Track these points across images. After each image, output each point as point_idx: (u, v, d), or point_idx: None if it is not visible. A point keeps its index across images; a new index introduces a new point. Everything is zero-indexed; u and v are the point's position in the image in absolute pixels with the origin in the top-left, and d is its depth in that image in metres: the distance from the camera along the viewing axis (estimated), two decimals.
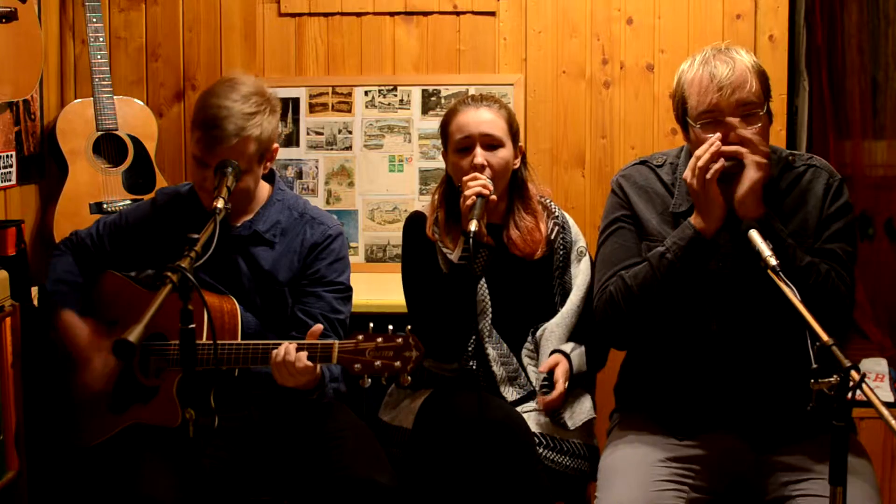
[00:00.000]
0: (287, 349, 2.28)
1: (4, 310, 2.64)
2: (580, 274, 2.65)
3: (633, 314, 2.34)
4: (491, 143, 2.57)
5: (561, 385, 2.49)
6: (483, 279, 2.58)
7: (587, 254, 2.69)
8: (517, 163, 2.65)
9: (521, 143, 2.69)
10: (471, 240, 2.36)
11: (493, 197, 2.51)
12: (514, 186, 2.65)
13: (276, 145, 2.54)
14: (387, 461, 2.45)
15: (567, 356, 2.55)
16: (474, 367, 2.56)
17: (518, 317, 2.62)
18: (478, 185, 2.48)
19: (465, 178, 2.52)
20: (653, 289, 2.30)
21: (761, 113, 2.29)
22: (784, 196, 2.36)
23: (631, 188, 2.45)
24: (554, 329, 2.60)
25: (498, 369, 2.58)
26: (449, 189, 2.67)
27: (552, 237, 2.66)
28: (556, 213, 2.71)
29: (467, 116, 2.60)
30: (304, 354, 2.28)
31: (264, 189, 2.62)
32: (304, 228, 2.59)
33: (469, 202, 2.46)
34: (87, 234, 2.67)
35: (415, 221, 2.68)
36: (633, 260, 2.38)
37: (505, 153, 2.59)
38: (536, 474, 2.39)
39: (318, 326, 2.36)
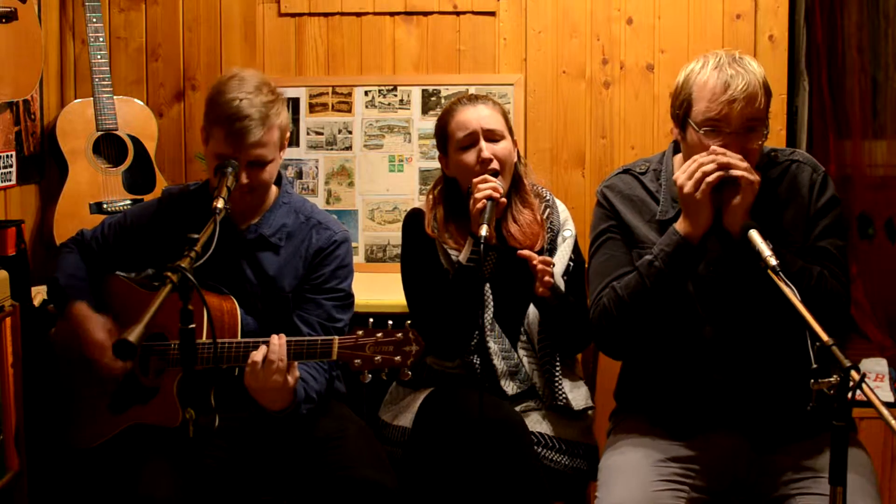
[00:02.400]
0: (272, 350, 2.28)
1: (4, 310, 2.64)
2: (557, 258, 2.63)
3: (625, 323, 2.34)
4: (493, 137, 2.57)
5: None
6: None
7: (572, 240, 2.67)
8: (514, 157, 2.65)
9: (515, 139, 2.68)
10: (482, 244, 2.36)
11: (504, 200, 2.50)
12: (511, 181, 2.65)
13: (288, 132, 2.56)
14: (387, 461, 2.45)
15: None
16: (476, 362, 2.57)
17: (519, 310, 2.62)
18: (488, 187, 2.46)
19: (475, 181, 2.49)
20: (643, 297, 2.30)
21: (764, 130, 2.29)
22: (769, 193, 2.34)
23: (616, 198, 2.45)
24: (530, 313, 2.61)
25: (499, 363, 2.58)
26: (447, 188, 2.67)
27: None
28: (547, 197, 2.71)
29: (466, 114, 2.59)
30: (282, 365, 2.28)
31: (272, 191, 2.61)
32: (310, 233, 2.59)
33: (480, 206, 2.45)
34: (93, 234, 2.67)
35: (414, 218, 2.68)
36: (624, 270, 2.38)
37: (508, 145, 2.59)
38: (535, 473, 2.39)
39: (282, 336, 2.32)
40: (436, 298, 2.54)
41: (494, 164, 2.53)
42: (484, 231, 2.37)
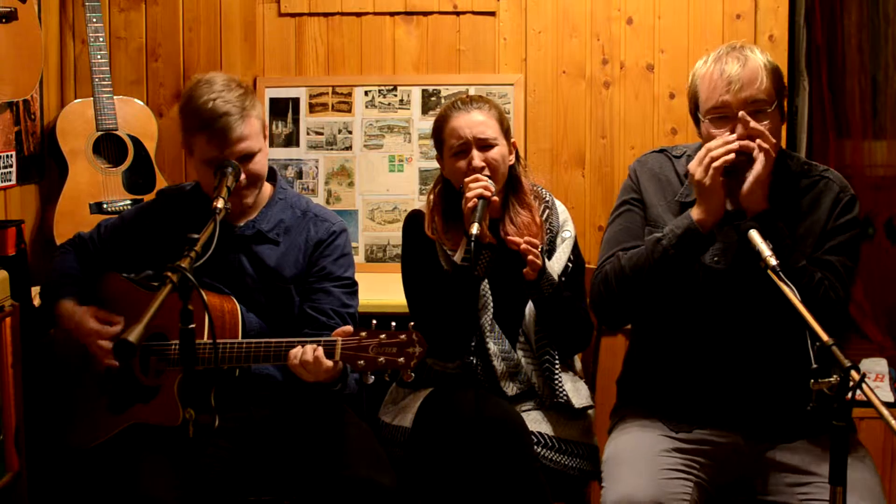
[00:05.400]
0: (305, 351, 2.29)
1: (4, 310, 2.64)
2: (555, 259, 2.63)
3: (622, 294, 2.37)
4: (485, 145, 2.57)
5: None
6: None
7: (571, 241, 2.66)
8: (512, 158, 2.65)
9: (514, 139, 2.68)
10: (472, 243, 2.36)
11: (495, 198, 2.51)
12: (508, 181, 2.65)
13: (266, 123, 2.58)
14: (387, 461, 2.45)
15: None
16: (476, 363, 2.57)
17: (518, 310, 2.62)
18: (479, 186, 2.47)
19: (466, 180, 2.51)
20: (643, 272, 2.32)
21: (769, 110, 2.30)
22: (794, 201, 2.37)
23: (644, 174, 2.49)
24: (527, 312, 2.60)
25: (499, 364, 2.58)
26: (445, 189, 2.67)
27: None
28: (547, 198, 2.71)
29: (459, 120, 2.59)
30: (321, 352, 2.28)
31: (267, 188, 2.62)
32: (307, 226, 2.60)
33: (471, 204, 2.46)
34: (90, 235, 2.68)
35: (414, 219, 2.68)
36: (635, 242, 2.41)
37: (501, 150, 2.59)
38: (534, 473, 2.39)
39: (348, 327, 2.34)
40: (435, 299, 2.54)
41: (486, 172, 2.53)
42: (475, 229, 2.37)
